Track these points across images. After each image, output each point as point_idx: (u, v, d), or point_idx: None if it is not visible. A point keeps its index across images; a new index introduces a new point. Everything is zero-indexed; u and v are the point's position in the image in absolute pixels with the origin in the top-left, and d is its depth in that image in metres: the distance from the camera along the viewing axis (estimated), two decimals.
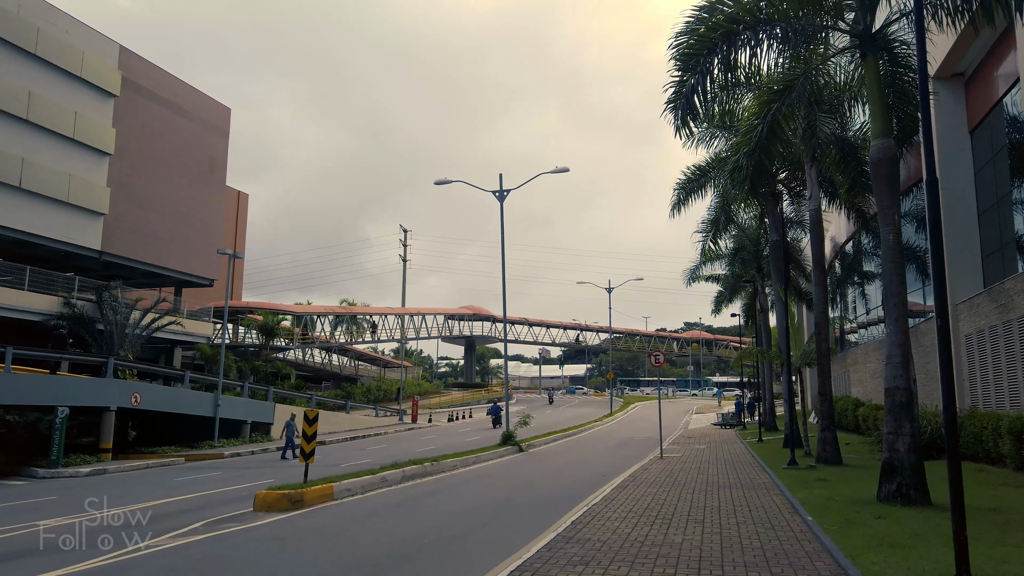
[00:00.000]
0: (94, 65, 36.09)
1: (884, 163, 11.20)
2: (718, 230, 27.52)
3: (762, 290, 35.86)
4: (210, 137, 44.60)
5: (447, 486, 16.20)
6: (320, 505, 13.18)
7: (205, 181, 44.10)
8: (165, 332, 38.67)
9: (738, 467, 18.47)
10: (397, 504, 13.31)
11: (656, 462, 20.54)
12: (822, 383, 18.01)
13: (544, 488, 15.78)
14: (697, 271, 38.62)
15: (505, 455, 25.16)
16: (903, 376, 10.84)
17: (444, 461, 20.03)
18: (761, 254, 35.37)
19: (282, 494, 12.75)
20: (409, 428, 44.50)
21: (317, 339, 62.91)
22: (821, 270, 18.38)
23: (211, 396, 31.12)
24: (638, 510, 11.30)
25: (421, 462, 18.63)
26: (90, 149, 35.92)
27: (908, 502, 10.47)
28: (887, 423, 10.99)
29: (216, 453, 28.43)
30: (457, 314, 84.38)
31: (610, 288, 57.40)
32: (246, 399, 33.56)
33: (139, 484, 18.96)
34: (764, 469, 17.35)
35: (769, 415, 34.55)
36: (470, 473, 19.20)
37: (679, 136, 12.66)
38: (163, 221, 40.68)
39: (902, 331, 10.93)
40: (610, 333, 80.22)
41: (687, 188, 26.23)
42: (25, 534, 10.96)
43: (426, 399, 68.06)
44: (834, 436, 17.54)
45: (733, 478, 15.85)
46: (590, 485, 15.40)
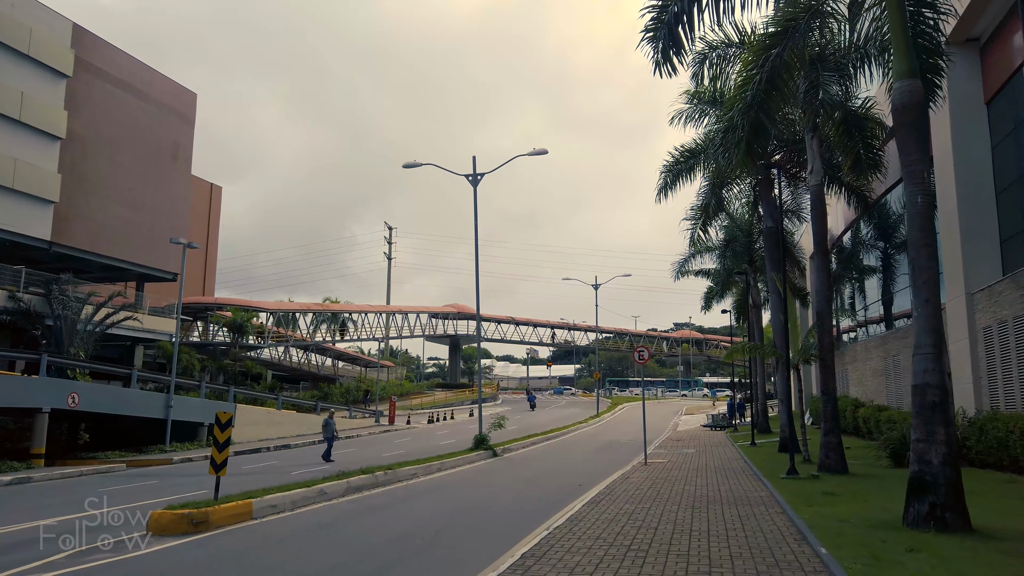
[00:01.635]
0: (44, 43, 33.68)
1: (910, 109, 9.11)
2: (708, 217, 25.39)
3: (754, 284, 33.79)
4: (174, 123, 42.20)
5: (395, 500, 14.02)
6: (230, 526, 10.97)
7: (168, 170, 41.70)
8: (123, 329, 36.24)
9: (730, 476, 16.36)
10: (324, 525, 11.13)
11: (639, 469, 18.42)
12: (825, 381, 15.87)
13: (506, 503, 13.62)
14: (686, 264, 36.45)
15: (476, 460, 22.99)
16: (935, 370, 8.75)
17: (401, 469, 17.84)
18: (753, 246, 33.34)
19: (180, 515, 10.54)
20: (385, 430, 42.27)
21: (292, 337, 60.43)
22: (823, 252, 16.26)
23: (162, 396, 28.80)
24: (608, 536, 9.16)
25: (373, 471, 16.43)
26: (39, 132, 33.51)
27: (944, 527, 8.37)
28: (916, 428, 8.89)
29: (164, 459, 26.12)
30: (441, 312, 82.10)
31: (596, 285, 55.33)
32: (202, 400, 31.22)
33: (48, 496, 16.68)
34: (760, 478, 15.25)
35: (762, 417, 32.49)
36: (429, 483, 17.02)
37: (659, 73, 10.57)
38: (121, 211, 38.29)
39: (933, 314, 8.84)
40: (597, 332, 78.16)
41: (674, 171, 24.13)
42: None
43: (407, 400, 65.77)
44: (838, 441, 15.44)
45: (725, 490, 13.73)
46: (560, 498, 13.25)
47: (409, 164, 26.78)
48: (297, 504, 12.92)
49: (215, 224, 59.67)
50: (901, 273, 25.16)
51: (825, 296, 15.80)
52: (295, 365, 64.17)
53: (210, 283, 59.40)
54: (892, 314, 26.29)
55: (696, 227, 25.83)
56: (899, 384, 23.72)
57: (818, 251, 16.09)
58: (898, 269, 25.60)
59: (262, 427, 34.43)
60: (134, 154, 39.24)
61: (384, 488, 15.82)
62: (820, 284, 15.79)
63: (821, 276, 15.82)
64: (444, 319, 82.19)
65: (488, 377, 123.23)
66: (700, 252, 35.15)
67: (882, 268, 27.35)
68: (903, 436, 17.50)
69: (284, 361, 62.35)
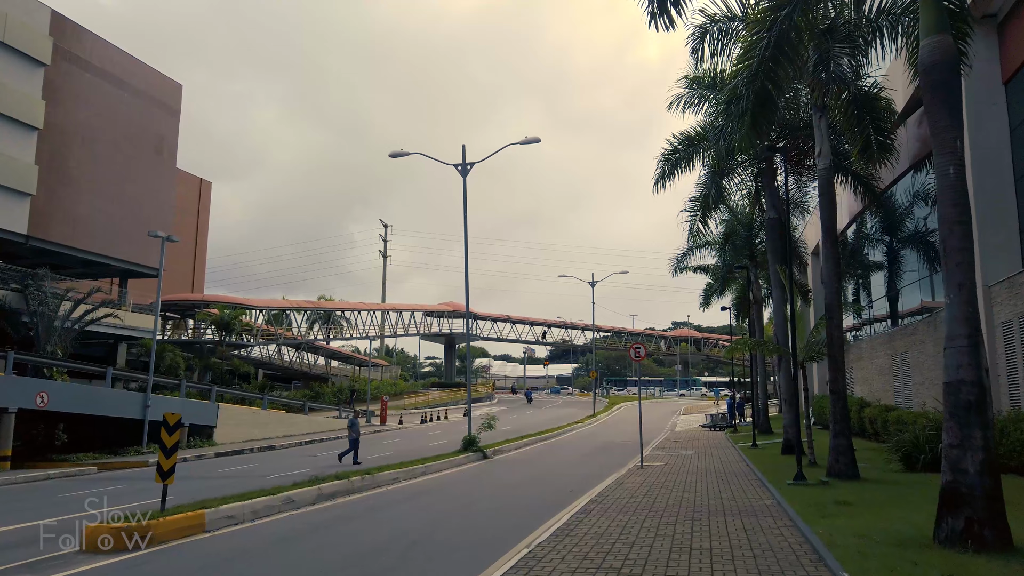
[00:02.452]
0: (20, 29, 32.46)
1: (940, 67, 8.00)
2: (708, 208, 24.22)
3: (755, 280, 32.70)
4: (158, 115, 40.98)
5: (368, 509, 12.89)
6: (178, 541, 9.84)
7: (152, 163, 40.48)
8: (103, 326, 35.02)
9: (732, 481, 15.25)
10: (283, 540, 10.00)
11: (635, 473, 17.32)
12: (834, 378, 14.73)
13: (489, 513, 12.50)
14: (685, 259, 35.37)
15: (463, 463, 21.87)
16: (971, 366, 7.62)
17: (381, 474, 16.71)
18: (754, 240, 32.26)
19: (118, 529, 9.41)
20: (375, 431, 41.10)
21: (283, 335, 59.17)
22: (832, 240, 15.09)
23: (139, 396, 27.62)
24: (597, 555, 8.04)
25: (348, 476, 15.30)
26: (14, 122, 32.28)
27: (982, 546, 7.25)
28: (948, 432, 7.76)
29: (139, 461, 24.95)
30: (436, 310, 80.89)
31: (593, 282, 54.15)
32: (183, 399, 30.03)
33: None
34: (764, 484, 14.13)
35: (763, 416, 31.37)
36: (410, 489, 15.89)
37: (655, 26, 9.42)
38: (102, 204, 37.08)
39: (968, 301, 7.72)
40: (594, 331, 77.05)
41: (673, 159, 22.98)
42: None
43: (401, 399, 64.58)
44: (849, 444, 14.30)
45: (728, 498, 12.60)
46: (548, 508, 12.12)
47: (396, 153, 25.65)
48: (259, 514, 11.79)
49: (204, 220, 58.45)
50: (908, 269, 24.05)
51: (834, 287, 14.65)
52: (286, 364, 62.96)
53: (200, 280, 58.22)
54: (898, 311, 25.20)
55: (695, 219, 24.69)
56: (907, 383, 22.62)
57: (827, 239, 14.92)
58: (904, 264, 24.48)
59: (247, 428, 33.27)
60: (116, 146, 38.04)
61: (360, 495, 14.69)
62: (829, 274, 14.64)
63: (830, 266, 14.66)
64: (439, 317, 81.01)
65: (485, 377, 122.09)
66: (699, 247, 34.08)
67: (888, 263, 26.24)
68: (916, 438, 16.41)
69: (276, 360, 61.14)
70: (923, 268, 22.26)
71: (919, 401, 21.14)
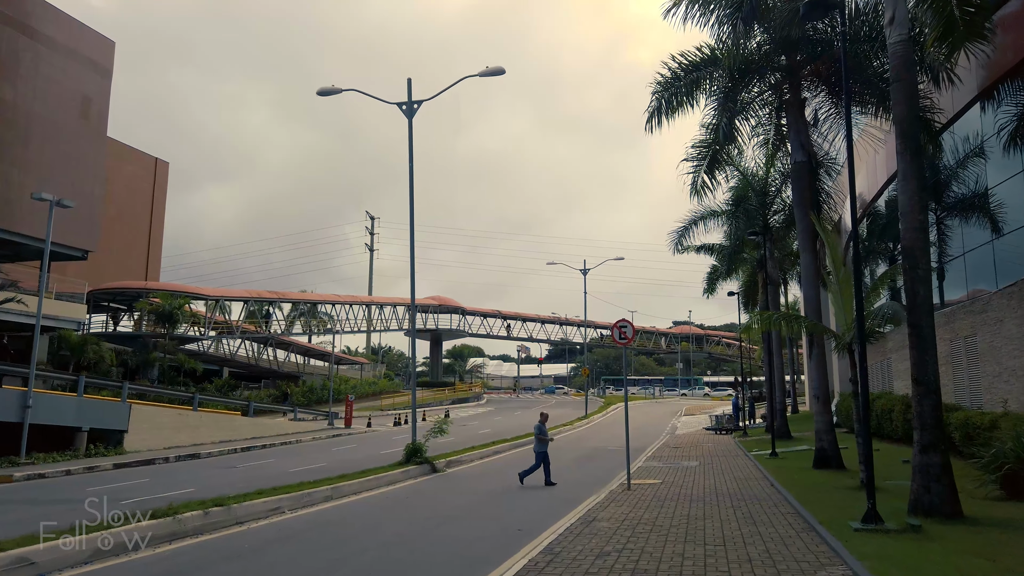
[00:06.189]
0: None
1: None
2: (716, 154, 19.00)
3: (770, 256, 27.52)
4: (84, 75, 35.77)
5: (196, 566, 7.78)
6: None
7: (76, 130, 35.39)
8: (7, 314, 30.00)
9: (759, 518, 10.11)
10: None
11: (618, 499, 12.24)
12: (919, 361, 9.31)
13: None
14: (687, 235, 30.11)
15: (400, 480, 16.79)
16: None
17: (252, 503, 11.61)
18: (768, 209, 27.10)
19: None
20: (334, 435, 36.04)
21: (240, 328, 53.96)
22: (915, 149, 9.42)
23: (15, 393, 22.50)
24: None
25: (178, 511, 10.15)
26: None
27: None
28: None
29: (3, 476, 19.84)
30: (422, 305, 75.76)
31: (585, 270, 49.07)
32: (79, 398, 24.87)
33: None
34: (814, 528, 8.99)
35: (781, 418, 26.20)
36: (284, 525, 10.79)
37: None
38: (11, 175, 32.01)
39: None
40: (586, 325, 71.98)
41: (673, 89, 17.84)
42: None
43: (378, 400, 59.41)
44: (945, 463, 9.09)
45: (760, 559, 7.47)
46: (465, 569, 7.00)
47: (325, 90, 20.60)
48: None
49: (160, 201, 53.26)
50: (967, 231, 18.84)
51: (916, 220, 9.41)
52: (251, 360, 57.80)
53: (155, 267, 53.13)
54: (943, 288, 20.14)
55: (700, 170, 19.46)
56: (973, 375, 17.46)
57: (904, 146, 9.58)
58: (956, 229, 19.26)
59: (170, 432, 28.16)
60: (30, 109, 32.94)
61: (187, 541, 9.58)
62: (909, 201, 9.36)
63: (909, 186, 9.36)
64: (426, 312, 75.96)
65: (479, 376, 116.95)
66: (704, 218, 28.89)
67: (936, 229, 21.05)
68: (1019, 451, 11.33)
69: (239, 356, 56.01)
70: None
71: (993, 398, 16.03)
